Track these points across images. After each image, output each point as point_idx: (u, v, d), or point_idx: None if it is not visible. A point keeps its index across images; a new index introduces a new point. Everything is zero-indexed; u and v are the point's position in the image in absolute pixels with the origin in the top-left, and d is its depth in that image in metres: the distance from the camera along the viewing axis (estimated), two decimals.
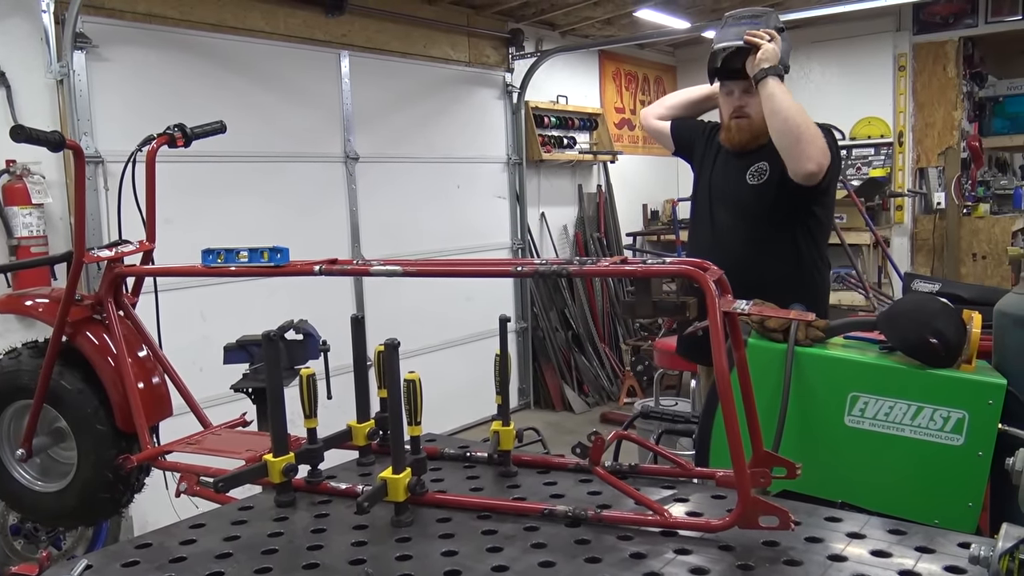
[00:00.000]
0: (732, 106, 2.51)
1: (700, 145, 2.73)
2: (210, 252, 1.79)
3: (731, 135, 2.54)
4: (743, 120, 2.50)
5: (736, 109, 2.50)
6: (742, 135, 2.51)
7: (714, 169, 2.66)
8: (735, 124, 2.51)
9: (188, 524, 1.52)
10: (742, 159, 2.57)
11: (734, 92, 2.50)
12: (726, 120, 2.56)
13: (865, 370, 1.86)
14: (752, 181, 2.53)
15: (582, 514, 1.42)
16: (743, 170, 2.55)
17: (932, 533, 1.34)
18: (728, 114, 2.54)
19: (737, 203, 2.56)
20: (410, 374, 1.49)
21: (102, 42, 3.73)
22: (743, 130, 2.51)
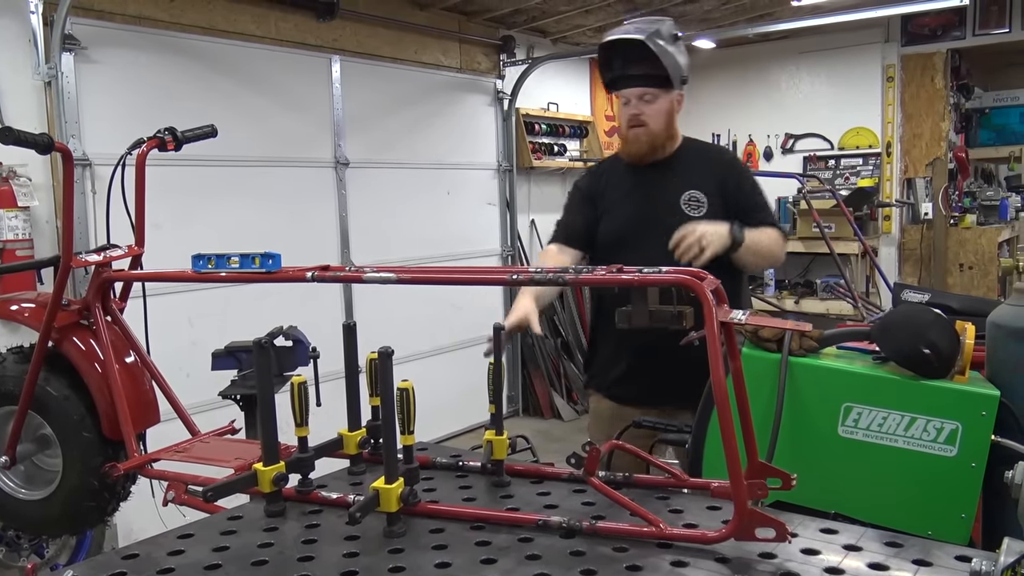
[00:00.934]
0: (628, 115, 2.42)
1: (601, 188, 2.57)
2: (200, 257, 1.76)
3: (629, 146, 2.47)
4: (640, 129, 2.42)
5: (632, 118, 2.41)
6: (640, 145, 2.44)
7: (634, 195, 2.51)
8: (632, 134, 2.44)
9: (176, 534, 1.50)
10: (664, 182, 2.47)
11: (630, 101, 2.41)
12: (623, 130, 2.48)
13: (859, 381, 1.85)
14: (690, 212, 2.43)
15: (577, 525, 1.41)
16: (674, 197, 2.45)
17: (928, 546, 1.34)
18: (625, 124, 2.45)
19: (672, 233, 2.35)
20: (403, 382, 1.47)
21: (91, 44, 3.70)
22: (640, 140, 2.43)
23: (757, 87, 7.57)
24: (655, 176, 2.49)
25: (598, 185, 2.57)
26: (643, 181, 2.50)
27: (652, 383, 2.46)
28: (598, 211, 2.54)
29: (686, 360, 2.37)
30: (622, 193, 2.52)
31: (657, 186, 2.48)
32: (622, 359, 2.50)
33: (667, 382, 2.41)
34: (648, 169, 2.49)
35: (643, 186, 2.50)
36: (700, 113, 7.95)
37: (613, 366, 2.53)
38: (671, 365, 2.37)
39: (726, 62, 7.63)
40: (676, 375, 2.36)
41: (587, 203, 2.57)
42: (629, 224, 2.47)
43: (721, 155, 2.63)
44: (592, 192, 2.57)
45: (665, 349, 2.33)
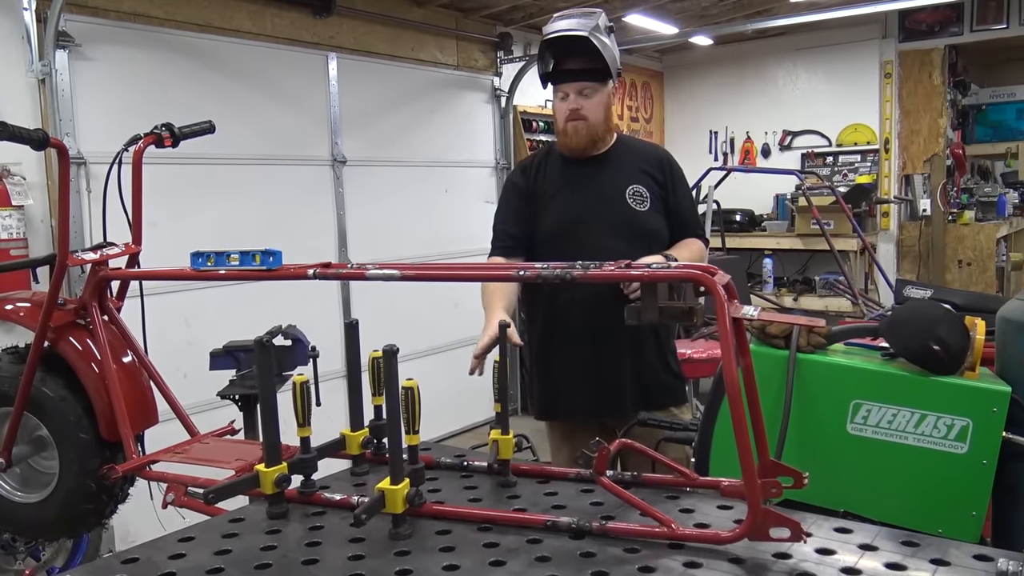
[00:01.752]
0: (567, 109, 2.37)
1: (536, 183, 2.50)
2: (199, 255, 1.73)
3: (568, 139, 2.42)
4: (580, 123, 2.37)
5: (571, 113, 2.36)
6: (580, 139, 2.39)
7: (576, 187, 2.45)
8: (571, 127, 2.39)
9: (176, 537, 1.47)
10: (606, 175, 2.45)
11: (568, 95, 2.36)
12: (561, 124, 2.42)
13: (868, 377, 1.83)
14: (636, 206, 2.41)
15: (586, 526, 1.38)
16: (619, 189, 2.42)
17: (945, 545, 1.31)
18: (563, 118, 2.39)
19: (628, 229, 2.39)
20: (408, 381, 1.44)
21: (85, 41, 3.66)
22: (580, 134, 2.39)
23: (754, 84, 7.55)
24: (596, 168, 2.46)
25: (533, 180, 2.50)
26: (584, 174, 2.46)
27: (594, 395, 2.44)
28: (535, 208, 2.48)
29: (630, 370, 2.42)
30: (562, 186, 2.46)
31: (599, 178, 2.45)
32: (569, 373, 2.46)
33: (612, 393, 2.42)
34: (587, 162, 2.45)
35: (585, 178, 2.46)
36: (697, 110, 7.94)
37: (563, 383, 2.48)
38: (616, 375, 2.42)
39: (723, 59, 7.61)
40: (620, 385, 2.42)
41: (524, 203, 2.49)
42: (574, 216, 2.42)
43: (658, 153, 2.58)
44: (528, 189, 2.50)
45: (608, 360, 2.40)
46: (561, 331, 2.46)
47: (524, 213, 2.48)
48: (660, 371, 2.50)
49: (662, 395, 2.49)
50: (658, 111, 8.14)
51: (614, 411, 2.41)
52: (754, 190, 7.18)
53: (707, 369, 3.74)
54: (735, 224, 6.93)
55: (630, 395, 2.42)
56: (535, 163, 2.54)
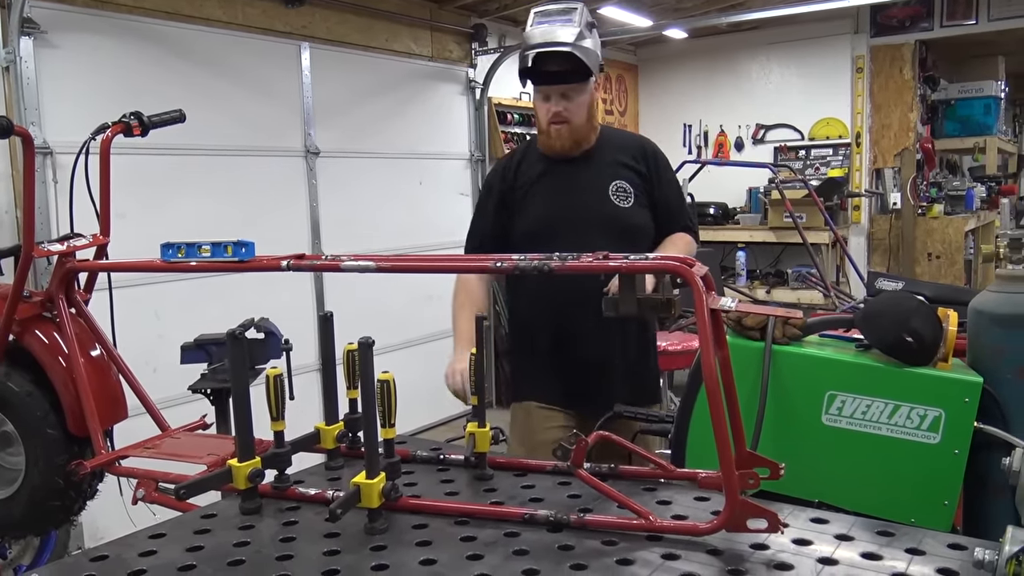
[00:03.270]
0: (549, 112, 2.29)
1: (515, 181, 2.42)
2: (170, 246, 1.69)
3: (551, 141, 2.34)
4: (563, 126, 2.29)
5: (554, 115, 2.28)
6: (563, 141, 2.32)
7: (558, 185, 2.38)
8: (554, 131, 2.31)
9: (147, 534, 1.44)
10: (589, 172, 2.38)
11: (550, 97, 2.27)
12: (544, 126, 2.33)
13: (843, 368, 1.84)
14: (619, 203, 2.35)
15: (564, 518, 1.37)
16: (602, 186, 2.36)
17: (919, 534, 1.32)
18: (546, 120, 2.31)
19: (612, 226, 2.33)
20: (384, 374, 1.42)
21: (51, 28, 3.57)
22: (563, 136, 2.31)
23: (728, 78, 7.59)
24: (579, 166, 2.38)
25: (511, 179, 2.42)
26: (566, 172, 2.38)
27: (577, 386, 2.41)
28: (512, 207, 2.40)
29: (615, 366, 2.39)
30: (543, 185, 2.38)
31: (582, 176, 2.37)
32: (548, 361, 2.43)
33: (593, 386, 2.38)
34: (569, 161, 2.38)
35: (567, 176, 2.38)
36: (671, 103, 7.96)
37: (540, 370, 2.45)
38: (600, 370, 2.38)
39: (697, 52, 7.64)
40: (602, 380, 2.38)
41: (501, 206, 2.42)
42: (555, 215, 2.35)
43: (643, 145, 2.49)
44: (505, 189, 2.42)
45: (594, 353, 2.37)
46: (544, 322, 2.42)
47: (500, 217, 2.41)
48: (643, 370, 2.48)
49: (643, 394, 2.46)
50: (632, 104, 8.15)
51: (590, 404, 2.37)
52: (727, 183, 7.23)
53: (682, 361, 3.75)
54: (708, 217, 6.96)
55: (610, 391, 2.37)
56: (514, 163, 2.46)
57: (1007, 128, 9.28)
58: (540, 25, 2.21)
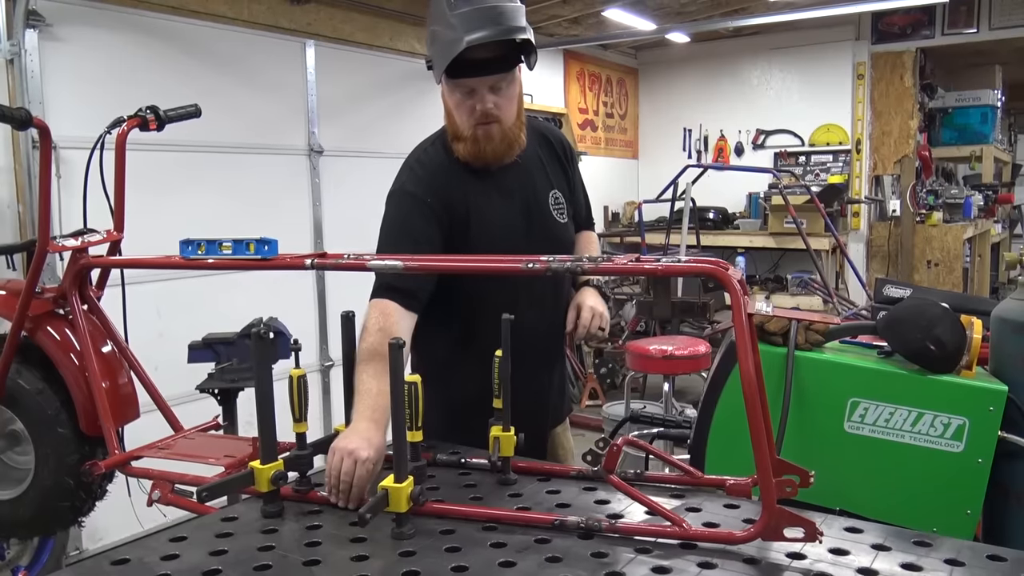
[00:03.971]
0: (476, 111, 1.82)
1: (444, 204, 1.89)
2: (189, 243, 1.66)
3: (479, 147, 1.87)
4: (493, 127, 1.84)
5: (483, 114, 1.82)
6: (494, 146, 1.86)
7: (494, 203, 1.93)
8: (482, 133, 1.85)
9: (167, 536, 1.41)
10: (523, 181, 1.98)
11: (476, 91, 1.80)
12: (467, 130, 1.86)
13: (866, 375, 1.83)
14: (559, 217, 2.01)
15: (596, 525, 1.35)
16: (541, 197, 1.99)
17: (957, 545, 1.30)
18: (471, 122, 1.84)
19: (549, 245, 1.84)
20: (411, 376, 1.40)
21: (56, 21, 3.53)
22: (494, 140, 1.86)
23: (729, 82, 7.59)
24: (511, 176, 1.96)
25: (437, 204, 1.88)
26: (499, 186, 1.95)
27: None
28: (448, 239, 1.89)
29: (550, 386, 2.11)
30: (475, 206, 1.92)
31: (517, 189, 1.97)
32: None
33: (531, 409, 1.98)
34: (500, 171, 1.94)
35: (501, 192, 1.95)
36: (672, 107, 7.96)
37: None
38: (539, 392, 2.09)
39: (699, 57, 7.64)
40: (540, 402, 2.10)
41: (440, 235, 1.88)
42: (500, 239, 1.90)
43: (557, 136, 2.13)
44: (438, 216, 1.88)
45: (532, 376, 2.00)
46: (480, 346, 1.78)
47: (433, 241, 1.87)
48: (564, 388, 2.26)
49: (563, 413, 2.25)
50: (632, 108, 8.14)
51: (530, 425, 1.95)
52: (727, 188, 7.23)
53: (687, 366, 3.74)
54: (709, 222, 6.96)
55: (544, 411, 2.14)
56: (426, 179, 1.91)
57: (1003, 137, 9.33)
58: (467, 6, 1.72)
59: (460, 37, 1.69)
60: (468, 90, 1.82)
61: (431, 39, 1.82)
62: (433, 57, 1.81)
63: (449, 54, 1.71)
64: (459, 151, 1.90)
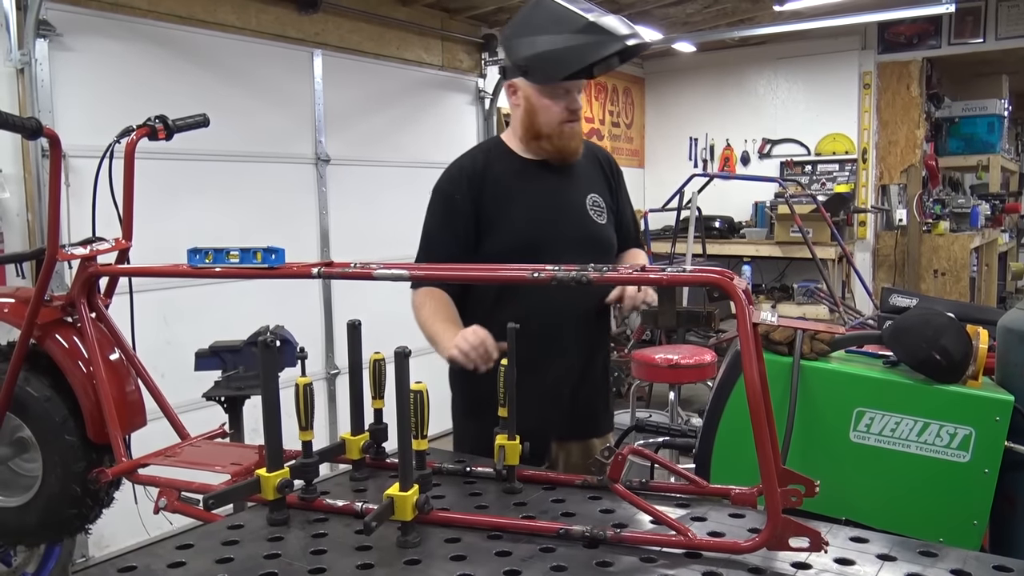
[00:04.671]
0: (565, 111, 2.05)
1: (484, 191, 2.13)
2: (197, 251, 1.68)
3: (564, 143, 2.09)
4: (577, 124, 2.10)
5: (574, 112, 2.07)
6: (576, 141, 2.11)
7: (537, 197, 2.13)
8: (569, 130, 2.08)
9: (174, 544, 1.41)
10: (568, 182, 2.17)
11: (571, 92, 2.05)
12: (553, 126, 2.06)
13: (872, 385, 1.83)
14: (596, 219, 2.17)
15: (600, 534, 1.35)
16: (580, 199, 2.16)
17: (963, 556, 1.30)
18: (560, 119, 2.05)
19: (584, 242, 2.13)
20: (417, 384, 1.41)
21: (66, 30, 3.56)
22: (577, 136, 2.11)
23: (736, 92, 7.60)
24: (561, 176, 2.16)
25: (478, 188, 2.12)
26: (548, 181, 2.15)
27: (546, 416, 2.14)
28: (483, 221, 2.11)
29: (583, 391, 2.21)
30: (523, 194, 2.12)
31: (563, 187, 2.16)
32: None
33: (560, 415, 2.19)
34: (553, 169, 2.15)
35: (549, 187, 2.15)
36: (678, 116, 7.97)
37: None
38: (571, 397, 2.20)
39: (705, 66, 7.66)
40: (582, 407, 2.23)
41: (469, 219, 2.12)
42: (538, 232, 2.10)
43: (604, 153, 2.34)
44: (474, 200, 2.12)
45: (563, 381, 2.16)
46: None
47: (470, 239, 2.12)
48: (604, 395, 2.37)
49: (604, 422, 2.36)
50: (638, 117, 8.16)
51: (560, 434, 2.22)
52: (733, 197, 7.23)
53: (693, 375, 3.73)
54: (714, 231, 6.96)
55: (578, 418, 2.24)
56: (478, 169, 2.14)
57: (1010, 147, 9.31)
58: (601, 15, 1.93)
59: (615, 38, 1.88)
60: (565, 90, 2.04)
61: (541, 45, 1.96)
62: (549, 60, 1.95)
63: (597, 53, 1.89)
64: (539, 148, 2.11)
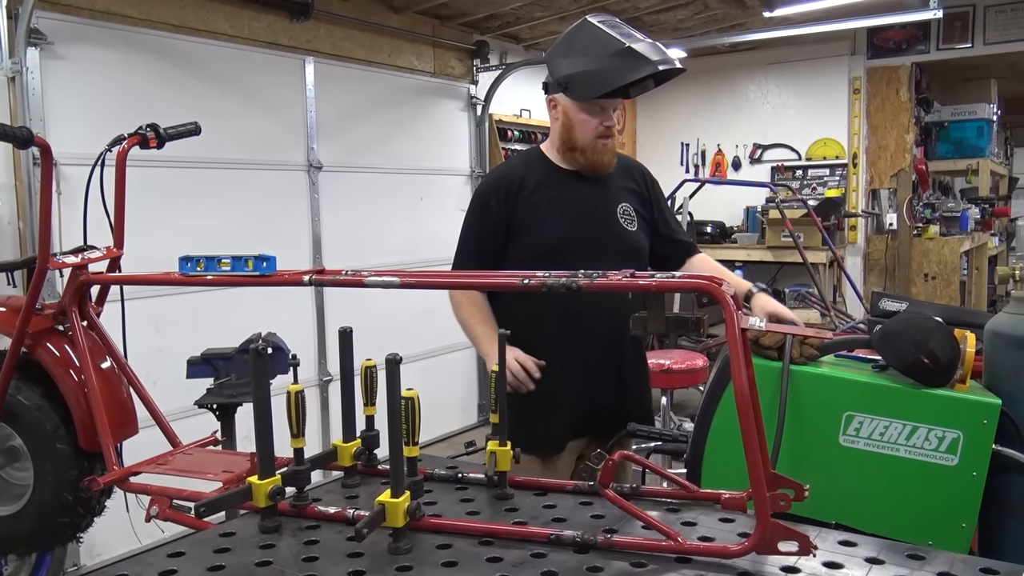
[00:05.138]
0: (601, 127, 2.22)
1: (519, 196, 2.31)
2: (188, 259, 1.68)
3: (597, 157, 2.27)
4: (610, 140, 2.27)
5: (608, 129, 2.24)
6: (608, 156, 2.28)
7: (569, 204, 2.30)
8: (602, 145, 2.25)
9: (165, 552, 1.41)
10: (599, 192, 2.34)
11: (606, 109, 2.22)
12: (588, 141, 2.24)
13: (861, 389, 1.84)
14: (627, 226, 2.33)
15: (591, 540, 1.36)
16: (611, 208, 2.33)
17: (950, 558, 1.31)
18: (595, 134, 2.23)
19: (618, 248, 2.30)
20: (408, 391, 1.41)
21: (58, 39, 3.56)
22: (610, 152, 2.28)
23: (726, 97, 7.63)
24: (593, 186, 2.33)
25: (515, 194, 2.30)
26: (579, 191, 2.32)
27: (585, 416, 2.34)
28: (517, 224, 2.30)
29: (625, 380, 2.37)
30: (556, 202, 2.30)
31: (595, 197, 2.32)
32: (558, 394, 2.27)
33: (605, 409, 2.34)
34: (585, 179, 2.32)
35: (581, 195, 2.32)
36: (669, 122, 8.00)
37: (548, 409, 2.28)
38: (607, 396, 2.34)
39: (696, 72, 7.67)
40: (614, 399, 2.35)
41: (504, 222, 2.30)
42: (569, 236, 2.27)
43: (638, 166, 2.51)
44: (510, 204, 2.30)
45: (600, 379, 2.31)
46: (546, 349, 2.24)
47: (502, 240, 2.31)
48: (642, 387, 2.48)
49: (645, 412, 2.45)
50: (630, 122, 8.18)
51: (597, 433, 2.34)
52: (724, 202, 7.25)
53: (685, 380, 3.75)
54: (706, 235, 6.98)
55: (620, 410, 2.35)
56: (517, 176, 2.33)
57: (999, 151, 9.37)
58: (638, 42, 2.10)
59: (648, 62, 2.04)
60: (601, 108, 2.20)
61: (582, 65, 2.14)
62: (587, 79, 2.13)
63: (631, 75, 2.07)
64: (574, 159, 2.29)
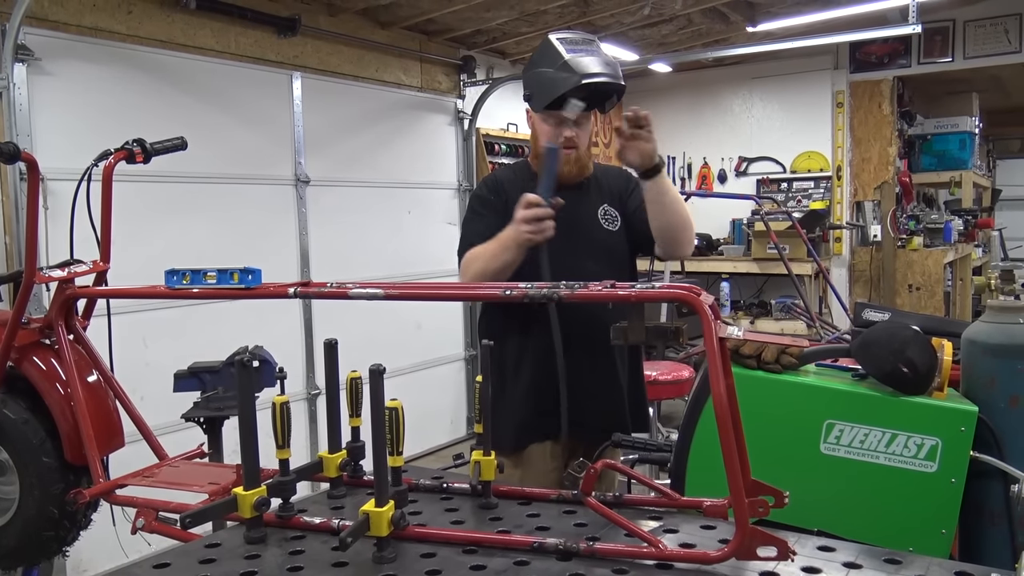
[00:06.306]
0: (561, 137, 2.30)
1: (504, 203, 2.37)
2: (174, 273, 1.69)
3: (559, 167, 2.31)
4: (572, 152, 2.34)
5: (567, 140, 2.31)
6: (571, 166, 2.35)
7: None
8: (564, 156, 2.32)
9: (151, 563, 1.42)
10: (580, 197, 2.41)
11: (564, 121, 2.29)
12: None
13: (841, 397, 1.87)
14: (607, 226, 2.42)
15: (573, 547, 1.37)
16: (592, 211, 2.42)
17: (926, 562, 1.33)
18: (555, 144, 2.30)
19: (601, 249, 2.39)
20: (392, 401, 1.43)
21: (45, 55, 3.58)
22: (571, 162, 2.35)
23: (711, 111, 7.71)
24: (573, 194, 2.38)
25: (500, 200, 2.38)
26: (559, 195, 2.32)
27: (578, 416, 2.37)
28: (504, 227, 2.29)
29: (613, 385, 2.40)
30: None
31: (574, 201, 2.37)
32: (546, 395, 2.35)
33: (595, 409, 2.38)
34: (566, 187, 2.36)
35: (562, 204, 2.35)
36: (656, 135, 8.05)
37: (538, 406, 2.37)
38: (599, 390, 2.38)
39: (682, 86, 7.76)
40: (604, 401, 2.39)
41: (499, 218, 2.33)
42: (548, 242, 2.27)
43: (623, 172, 2.54)
44: (502, 208, 2.34)
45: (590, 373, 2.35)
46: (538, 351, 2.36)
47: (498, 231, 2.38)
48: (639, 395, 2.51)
49: (639, 419, 2.49)
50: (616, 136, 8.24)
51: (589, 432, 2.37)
52: (711, 215, 7.31)
53: (671, 391, 3.77)
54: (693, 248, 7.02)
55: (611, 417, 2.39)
56: (502, 181, 2.45)
57: (981, 163, 9.48)
58: (580, 55, 2.20)
59: (576, 75, 2.17)
60: (559, 120, 2.30)
61: (536, 78, 2.29)
62: (538, 91, 2.29)
63: (561, 88, 2.19)
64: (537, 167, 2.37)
